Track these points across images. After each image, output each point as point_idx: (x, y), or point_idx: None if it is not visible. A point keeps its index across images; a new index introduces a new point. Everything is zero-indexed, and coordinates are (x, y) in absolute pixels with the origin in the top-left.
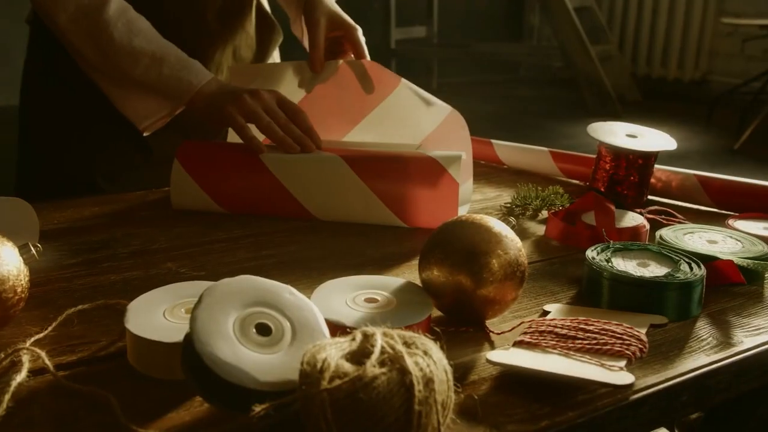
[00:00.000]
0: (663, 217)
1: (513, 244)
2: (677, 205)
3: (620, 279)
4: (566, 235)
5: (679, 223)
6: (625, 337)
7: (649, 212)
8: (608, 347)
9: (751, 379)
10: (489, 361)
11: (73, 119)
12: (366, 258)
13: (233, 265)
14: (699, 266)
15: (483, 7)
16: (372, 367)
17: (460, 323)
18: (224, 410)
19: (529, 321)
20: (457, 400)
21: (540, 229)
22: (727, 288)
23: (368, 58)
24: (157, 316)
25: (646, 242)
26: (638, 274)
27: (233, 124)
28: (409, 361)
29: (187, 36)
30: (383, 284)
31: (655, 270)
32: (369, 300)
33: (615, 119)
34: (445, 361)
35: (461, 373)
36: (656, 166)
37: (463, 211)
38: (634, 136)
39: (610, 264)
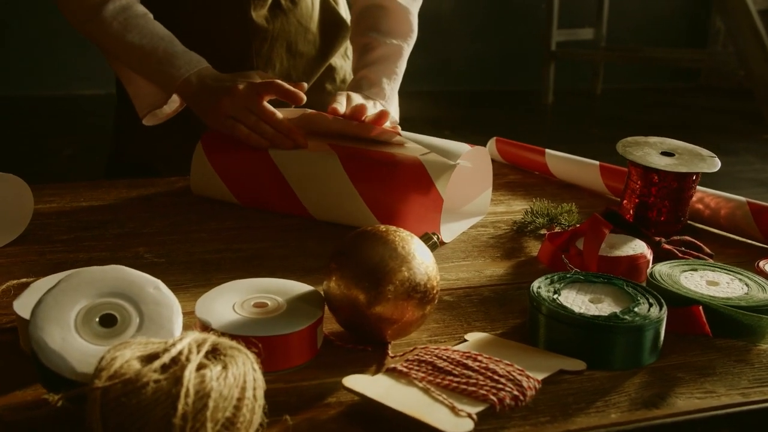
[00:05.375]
0: (682, 249)
1: (418, 262)
2: (729, 238)
3: (557, 316)
4: (555, 260)
5: (697, 257)
6: (502, 380)
7: (670, 242)
8: (474, 389)
9: None
10: (343, 386)
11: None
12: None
13: (196, 255)
14: (660, 308)
15: (663, 10)
16: (151, 372)
17: (362, 341)
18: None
19: (422, 347)
20: (286, 421)
21: (538, 250)
22: (711, 340)
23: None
24: None
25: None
26: (580, 312)
27: (227, 131)
28: (190, 371)
29: (230, 30)
30: (287, 289)
31: (605, 308)
32: (258, 305)
33: None
34: (249, 378)
35: (317, 394)
36: (707, 190)
37: (468, 224)
38: (670, 154)
39: (555, 296)
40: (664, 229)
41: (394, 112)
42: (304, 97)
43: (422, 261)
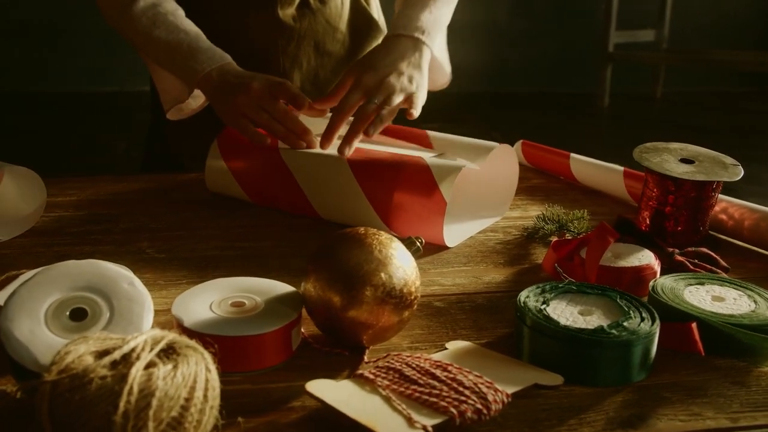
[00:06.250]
0: (695, 261)
1: (396, 266)
2: (752, 251)
3: (541, 328)
4: (557, 269)
5: (710, 271)
6: (466, 392)
7: (684, 254)
8: (435, 400)
9: None
10: (305, 391)
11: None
12: None
13: (197, 252)
14: (652, 323)
15: (730, 10)
16: (100, 368)
17: (339, 344)
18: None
19: (395, 354)
20: (239, 424)
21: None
22: (710, 359)
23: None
24: None
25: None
26: (566, 324)
27: (235, 128)
28: (137, 369)
29: (256, 28)
30: (268, 289)
31: (593, 321)
32: (235, 304)
33: None
34: (200, 378)
35: (283, 397)
36: (732, 199)
37: (477, 228)
38: (690, 161)
39: (543, 307)
40: (681, 240)
41: (437, 50)
42: (307, 104)
43: (400, 265)
